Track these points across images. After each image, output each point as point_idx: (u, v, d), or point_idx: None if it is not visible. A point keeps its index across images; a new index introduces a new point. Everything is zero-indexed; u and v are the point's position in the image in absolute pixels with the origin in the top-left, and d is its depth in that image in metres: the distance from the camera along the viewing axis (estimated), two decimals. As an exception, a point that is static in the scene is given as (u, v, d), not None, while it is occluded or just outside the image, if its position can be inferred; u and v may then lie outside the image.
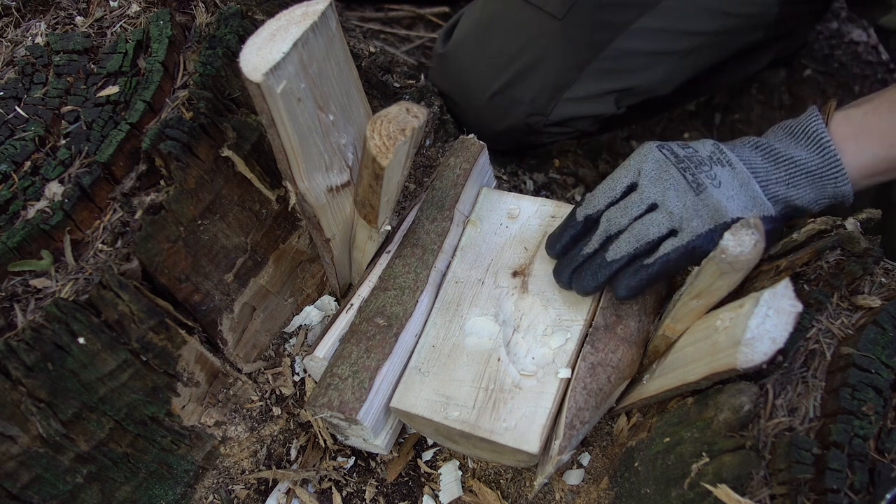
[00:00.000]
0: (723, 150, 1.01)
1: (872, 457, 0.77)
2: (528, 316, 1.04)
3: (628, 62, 1.43)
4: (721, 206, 0.96)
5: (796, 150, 1.03)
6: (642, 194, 0.99)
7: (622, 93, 1.47)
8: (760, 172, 1.02)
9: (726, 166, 1.00)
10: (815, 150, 1.02)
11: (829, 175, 1.02)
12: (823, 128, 1.02)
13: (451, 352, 1.02)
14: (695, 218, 0.96)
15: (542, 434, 0.93)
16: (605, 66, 1.43)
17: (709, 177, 0.98)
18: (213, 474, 1.08)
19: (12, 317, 0.88)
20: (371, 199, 0.95)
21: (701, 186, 0.97)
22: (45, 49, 1.07)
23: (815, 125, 1.03)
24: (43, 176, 0.95)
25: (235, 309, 1.08)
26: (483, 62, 1.46)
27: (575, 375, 0.96)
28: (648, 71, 1.44)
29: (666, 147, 1.01)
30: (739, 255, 0.76)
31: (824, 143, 1.02)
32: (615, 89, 1.45)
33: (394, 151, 0.83)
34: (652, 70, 1.44)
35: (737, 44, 1.48)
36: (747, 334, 0.77)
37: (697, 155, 1.01)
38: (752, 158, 1.03)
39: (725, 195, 0.97)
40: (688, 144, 1.03)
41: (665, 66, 1.44)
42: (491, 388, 0.98)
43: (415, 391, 0.99)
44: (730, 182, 0.99)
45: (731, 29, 1.43)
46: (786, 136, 1.06)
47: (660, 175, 0.99)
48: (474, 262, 1.11)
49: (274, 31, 0.79)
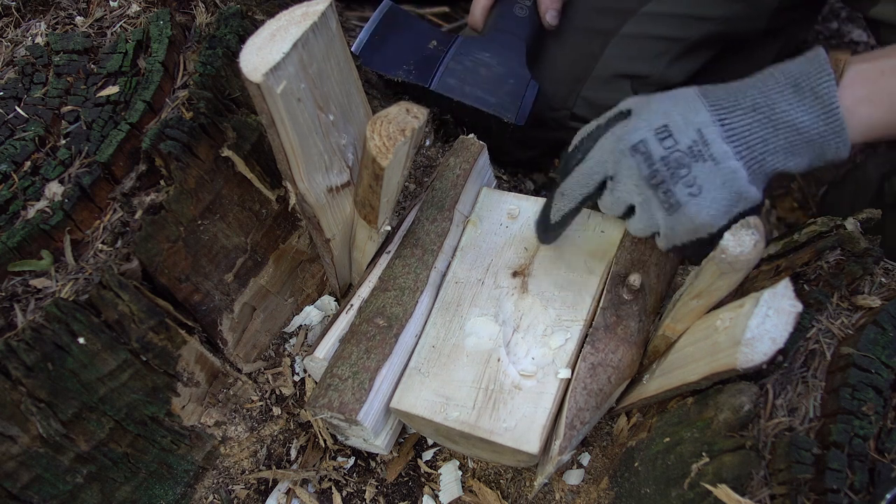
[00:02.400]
0: (707, 140, 0.92)
1: (872, 457, 0.77)
2: (528, 316, 1.04)
3: (640, 47, 1.48)
4: (696, 221, 0.91)
5: (799, 112, 0.92)
6: (617, 199, 0.96)
7: (637, 80, 1.51)
8: (757, 145, 0.93)
9: (708, 161, 0.91)
10: (822, 115, 0.92)
11: (831, 142, 0.93)
12: (834, 89, 0.91)
13: (450, 352, 1.02)
14: (668, 236, 0.95)
15: (542, 434, 0.93)
16: (617, 52, 1.48)
17: (686, 183, 0.91)
18: (213, 474, 1.08)
19: (12, 317, 0.88)
20: (371, 200, 0.95)
21: (674, 207, 0.91)
22: (45, 49, 1.07)
23: (825, 85, 0.91)
24: (43, 176, 0.95)
25: (235, 309, 1.08)
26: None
27: (575, 376, 0.96)
28: (661, 58, 1.49)
29: (640, 151, 0.92)
30: (739, 255, 0.76)
31: (832, 109, 0.91)
32: (629, 73, 1.50)
33: (394, 152, 0.83)
34: (663, 57, 1.49)
35: (741, 33, 1.51)
36: (747, 334, 0.77)
37: (676, 151, 0.92)
38: (747, 129, 0.94)
39: (703, 205, 0.91)
40: (668, 130, 0.93)
41: (675, 53, 1.49)
42: (491, 389, 0.97)
43: (415, 392, 0.99)
44: (711, 182, 0.91)
45: (735, 15, 1.47)
46: (789, 89, 0.93)
47: (630, 187, 0.94)
48: (474, 262, 1.11)
49: (274, 32, 0.79)
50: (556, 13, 1.42)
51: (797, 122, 0.92)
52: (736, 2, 1.45)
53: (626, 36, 1.48)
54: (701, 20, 1.47)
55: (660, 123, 0.93)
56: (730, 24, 1.49)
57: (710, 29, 1.48)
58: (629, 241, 1.07)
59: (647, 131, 0.93)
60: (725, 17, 1.47)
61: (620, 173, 0.94)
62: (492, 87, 1.39)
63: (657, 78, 1.51)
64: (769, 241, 0.99)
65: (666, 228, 0.94)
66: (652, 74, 1.51)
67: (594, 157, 0.97)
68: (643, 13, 1.47)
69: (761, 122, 0.93)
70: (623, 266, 1.05)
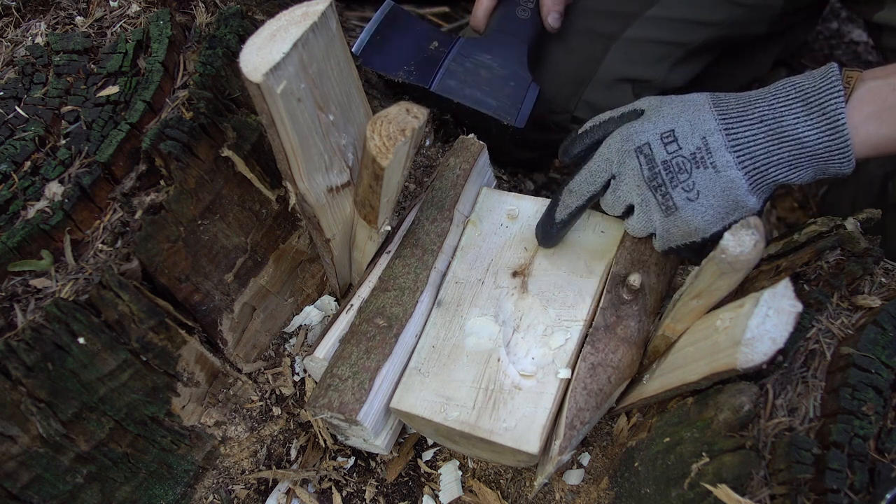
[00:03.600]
0: (710, 148, 0.94)
1: (872, 457, 0.77)
2: (527, 316, 1.04)
3: (642, 51, 1.48)
4: (691, 226, 0.95)
5: (806, 127, 0.93)
6: (618, 198, 1.01)
7: (639, 84, 1.51)
8: (761, 156, 0.94)
9: (709, 168, 0.93)
10: (827, 131, 0.92)
11: (835, 159, 0.93)
12: (842, 107, 0.91)
13: (451, 352, 1.02)
14: (664, 238, 0.99)
15: (542, 434, 0.93)
16: (620, 55, 1.49)
17: (685, 188, 0.94)
18: (213, 474, 1.08)
19: (12, 317, 0.88)
20: (371, 200, 0.95)
21: (671, 209, 0.95)
22: (45, 49, 1.07)
23: (833, 102, 0.92)
24: (43, 176, 0.95)
25: (235, 309, 1.08)
26: None
27: (575, 376, 0.96)
28: (663, 63, 1.50)
29: (644, 153, 0.96)
30: (739, 256, 0.76)
31: (838, 126, 0.92)
32: (631, 77, 1.51)
33: (394, 152, 0.83)
34: (665, 61, 1.50)
35: (742, 37, 1.51)
36: (747, 334, 0.77)
37: (679, 156, 0.94)
38: (752, 140, 0.95)
39: (700, 210, 0.94)
40: (674, 135, 0.96)
41: (677, 58, 1.50)
42: (491, 389, 0.97)
43: (415, 392, 0.99)
44: (709, 189, 0.94)
45: (737, 20, 1.48)
46: (798, 104, 0.94)
47: (631, 187, 0.98)
48: (474, 262, 1.11)
49: (274, 32, 0.79)
50: (558, 16, 1.43)
51: (802, 136, 0.93)
52: (738, 7, 1.46)
53: (629, 40, 1.48)
54: (703, 25, 1.47)
55: (667, 128, 0.96)
56: (731, 29, 1.50)
57: (711, 34, 1.49)
58: (629, 241, 1.07)
59: (653, 134, 0.96)
60: (727, 22, 1.47)
61: (623, 173, 0.98)
62: (493, 89, 1.39)
63: (659, 82, 1.52)
64: (769, 241, 0.99)
65: (662, 230, 0.98)
66: (654, 79, 1.51)
67: (602, 155, 1.00)
68: (646, 17, 1.47)
69: (767, 135, 0.94)
70: (623, 266, 1.05)
